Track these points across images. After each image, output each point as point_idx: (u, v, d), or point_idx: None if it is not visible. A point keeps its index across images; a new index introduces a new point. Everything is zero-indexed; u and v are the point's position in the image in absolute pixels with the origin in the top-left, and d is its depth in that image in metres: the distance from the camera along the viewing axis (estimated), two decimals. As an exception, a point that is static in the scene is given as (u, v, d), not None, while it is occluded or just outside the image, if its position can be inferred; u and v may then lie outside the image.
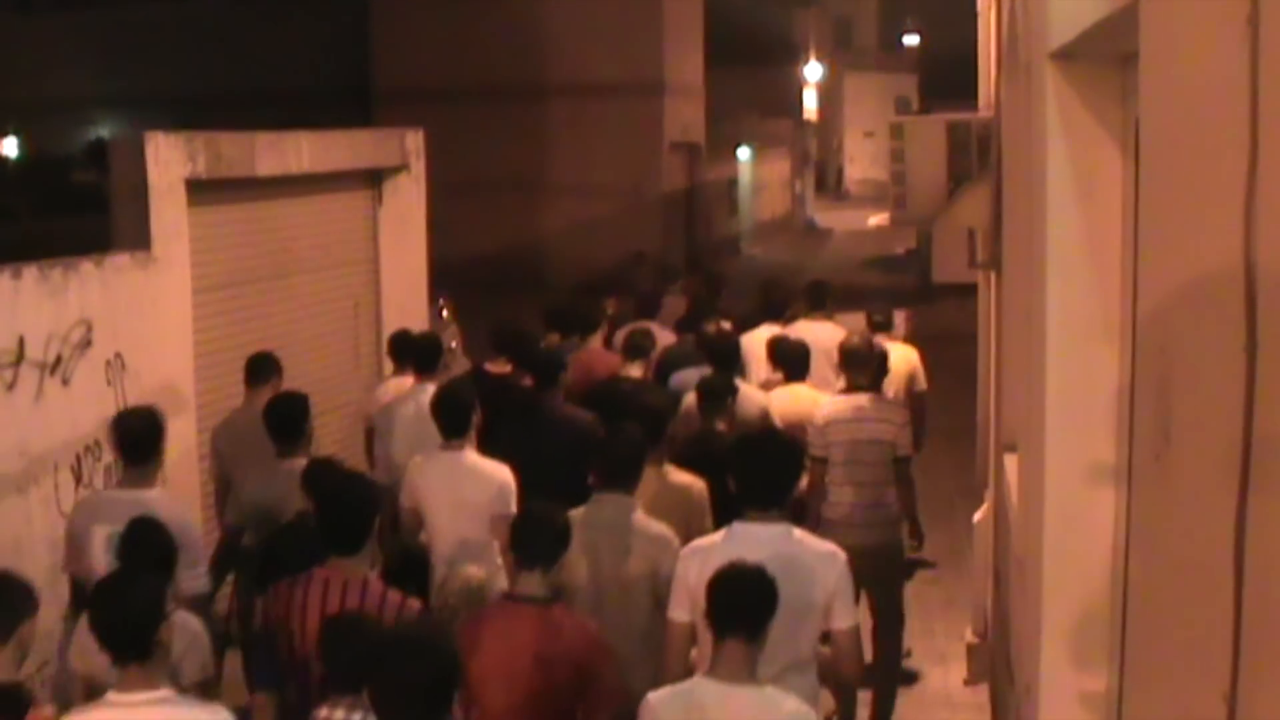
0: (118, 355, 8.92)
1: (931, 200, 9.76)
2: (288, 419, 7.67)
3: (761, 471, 5.78)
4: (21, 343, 8.21)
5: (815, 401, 8.89)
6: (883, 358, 9.52)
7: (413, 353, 9.68)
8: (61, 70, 36.75)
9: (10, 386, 8.15)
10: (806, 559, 5.55)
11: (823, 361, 9.83)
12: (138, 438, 7.04)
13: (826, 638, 5.71)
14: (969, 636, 9.54)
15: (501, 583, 6.71)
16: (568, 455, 7.51)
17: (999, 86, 8.04)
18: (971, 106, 10.69)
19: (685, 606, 5.58)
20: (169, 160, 9.43)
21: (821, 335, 10.34)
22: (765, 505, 5.68)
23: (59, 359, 8.47)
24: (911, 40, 67.50)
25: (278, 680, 5.63)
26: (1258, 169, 1.85)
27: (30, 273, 8.34)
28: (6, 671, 5.05)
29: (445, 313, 18.01)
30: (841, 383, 8.79)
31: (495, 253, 30.14)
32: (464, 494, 7.30)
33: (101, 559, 6.51)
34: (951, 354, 14.89)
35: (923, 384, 11.14)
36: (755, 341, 10.41)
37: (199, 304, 9.84)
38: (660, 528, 6.37)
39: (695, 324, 11.80)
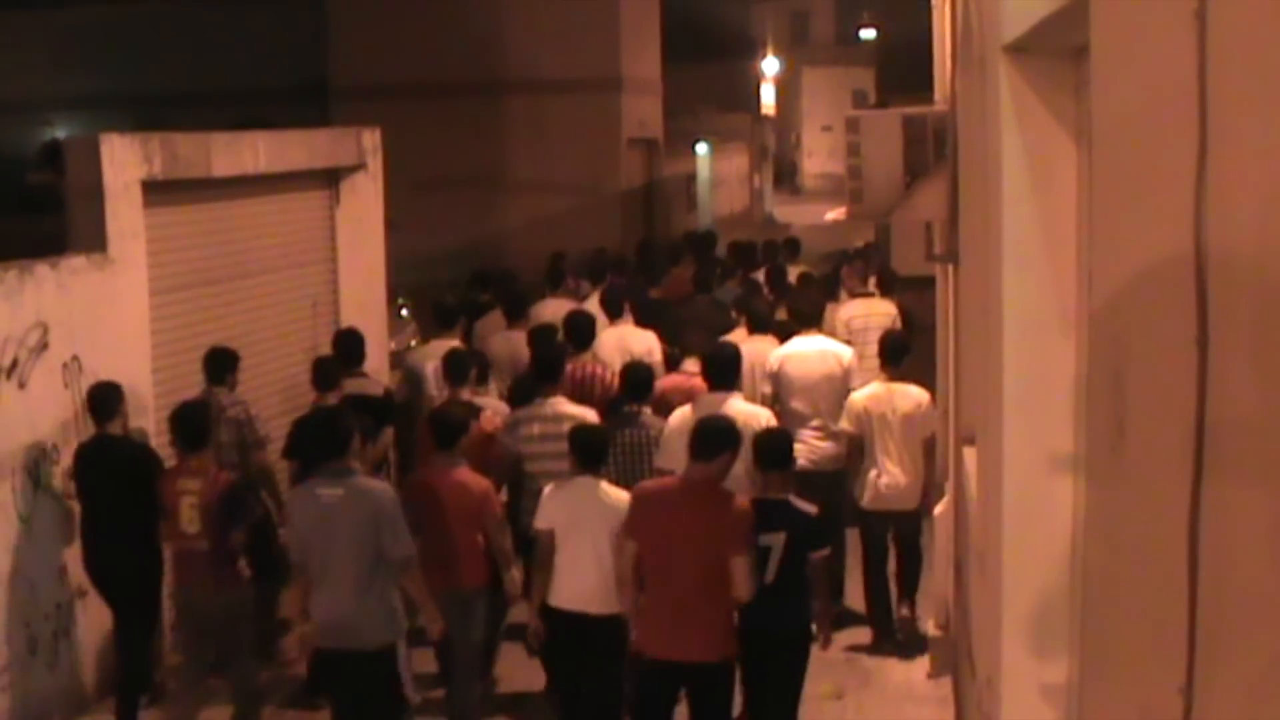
0: (75, 358, 8.85)
1: (888, 194, 9.75)
2: (520, 300, 12.85)
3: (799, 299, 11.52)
4: (-24, 346, 8.15)
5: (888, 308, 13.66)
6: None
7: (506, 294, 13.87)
8: (16, 70, 36.37)
9: (-35, 391, 8.09)
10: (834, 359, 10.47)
11: None
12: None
13: None
14: (931, 629, 9.56)
15: None
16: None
17: (954, 80, 8.06)
18: (929, 100, 10.71)
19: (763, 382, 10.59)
20: (125, 161, 9.37)
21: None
22: (807, 323, 10.81)
23: (15, 362, 8.40)
24: (868, 34, 67.58)
25: None
26: (1207, 161, 1.86)
27: (-16, 276, 8.27)
28: None
29: (405, 311, 17.92)
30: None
31: (455, 250, 30.03)
32: (628, 345, 11.50)
33: (433, 380, 10.84)
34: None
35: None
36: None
37: (156, 305, 9.78)
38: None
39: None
